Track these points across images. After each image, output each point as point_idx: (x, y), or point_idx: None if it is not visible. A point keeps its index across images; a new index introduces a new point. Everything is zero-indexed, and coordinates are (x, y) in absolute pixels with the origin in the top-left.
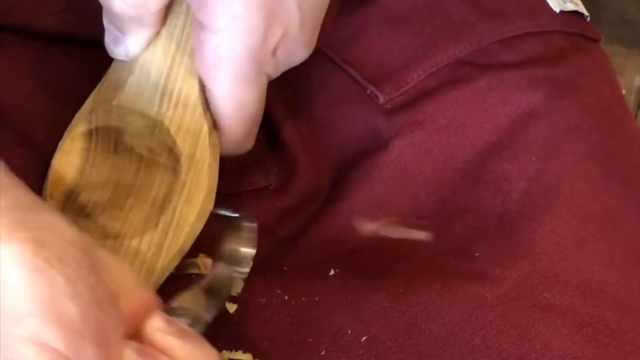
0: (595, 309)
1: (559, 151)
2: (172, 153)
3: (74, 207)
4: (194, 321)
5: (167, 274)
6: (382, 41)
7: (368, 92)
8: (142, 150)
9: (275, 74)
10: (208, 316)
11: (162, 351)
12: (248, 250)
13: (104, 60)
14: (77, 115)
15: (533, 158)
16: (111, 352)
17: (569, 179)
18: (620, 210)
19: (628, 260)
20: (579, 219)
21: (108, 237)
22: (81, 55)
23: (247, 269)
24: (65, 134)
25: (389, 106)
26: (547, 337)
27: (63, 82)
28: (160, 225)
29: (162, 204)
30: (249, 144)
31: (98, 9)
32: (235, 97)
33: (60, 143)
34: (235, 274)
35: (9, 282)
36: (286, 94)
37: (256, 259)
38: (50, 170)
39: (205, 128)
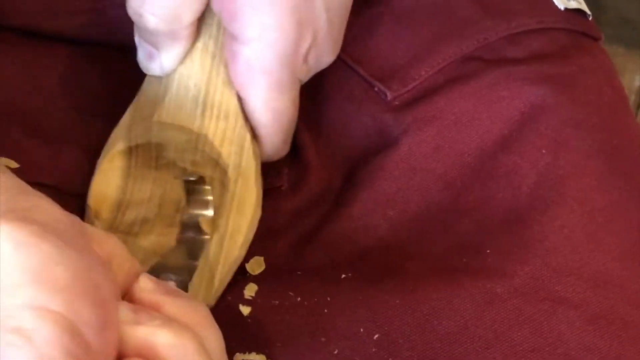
0: (607, 302)
1: (567, 146)
2: (218, 165)
3: (122, 225)
4: (179, 283)
5: (225, 284)
6: (388, 39)
7: (375, 89)
8: (185, 164)
9: (306, 78)
10: (188, 278)
11: (153, 309)
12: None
13: (121, 62)
14: (114, 133)
15: (543, 151)
16: (108, 311)
17: (577, 174)
18: (626, 205)
19: (637, 254)
20: (588, 213)
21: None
22: (99, 57)
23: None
24: (103, 153)
25: (396, 103)
26: (559, 330)
27: (81, 84)
28: (215, 239)
29: (213, 217)
30: (286, 149)
31: (114, 11)
32: (271, 105)
33: (98, 162)
34: (202, 237)
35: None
36: None
37: (268, 261)
38: (90, 191)
39: (249, 137)
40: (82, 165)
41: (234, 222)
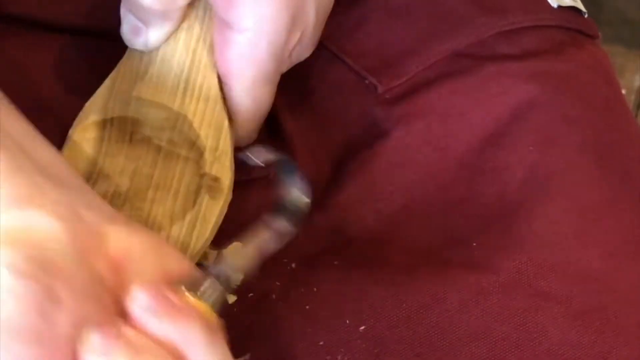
0: (593, 298)
1: (556, 142)
2: (194, 146)
3: None
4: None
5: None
6: (380, 32)
7: (367, 82)
8: (160, 141)
9: (285, 70)
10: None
11: (140, 327)
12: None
13: (112, 50)
14: (88, 105)
15: (531, 148)
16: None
17: (566, 170)
18: (616, 202)
19: (625, 251)
20: (576, 209)
21: None
22: (89, 45)
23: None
24: (75, 123)
25: (387, 96)
26: (544, 325)
27: (72, 75)
28: (187, 218)
29: (186, 197)
30: (255, 136)
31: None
32: (254, 94)
33: (69, 133)
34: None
35: None
36: (285, 85)
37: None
38: None
39: (227, 122)
40: None
41: (207, 205)
